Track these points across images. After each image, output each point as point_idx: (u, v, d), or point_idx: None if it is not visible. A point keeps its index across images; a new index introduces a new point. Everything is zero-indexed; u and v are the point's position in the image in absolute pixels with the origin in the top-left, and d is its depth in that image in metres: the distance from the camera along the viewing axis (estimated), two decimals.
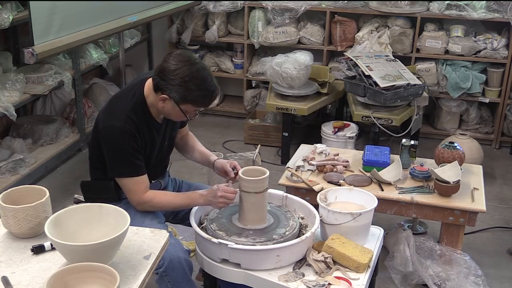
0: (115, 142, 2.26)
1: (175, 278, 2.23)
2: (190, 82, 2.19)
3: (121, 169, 2.29)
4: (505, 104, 4.65)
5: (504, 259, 3.28)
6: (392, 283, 2.93)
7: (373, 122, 3.98)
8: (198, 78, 2.20)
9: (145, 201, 2.32)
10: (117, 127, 2.24)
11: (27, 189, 2.00)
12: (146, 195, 2.32)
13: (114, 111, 2.30)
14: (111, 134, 2.26)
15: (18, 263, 1.81)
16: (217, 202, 2.30)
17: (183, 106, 2.24)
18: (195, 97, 2.21)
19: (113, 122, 2.26)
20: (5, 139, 3.93)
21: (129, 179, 2.30)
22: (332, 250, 2.18)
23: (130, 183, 2.30)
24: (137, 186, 2.31)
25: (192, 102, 2.24)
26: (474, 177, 2.98)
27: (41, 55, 3.14)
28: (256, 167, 2.34)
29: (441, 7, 4.59)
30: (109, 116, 2.30)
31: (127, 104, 2.29)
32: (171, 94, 2.21)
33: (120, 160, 2.28)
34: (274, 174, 3.38)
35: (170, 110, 2.28)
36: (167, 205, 2.39)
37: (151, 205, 2.34)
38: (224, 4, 4.94)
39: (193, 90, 2.20)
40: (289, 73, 4.28)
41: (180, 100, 2.22)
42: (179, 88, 2.19)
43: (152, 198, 2.33)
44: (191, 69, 2.19)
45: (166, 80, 2.20)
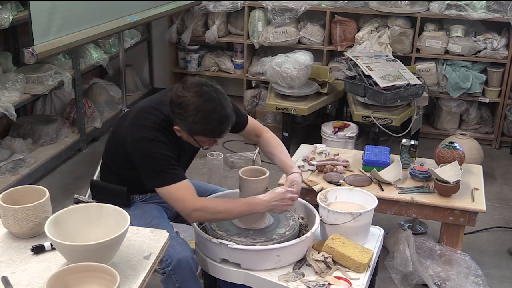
0: (150, 152, 2.18)
1: (183, 277, 2.21)
2: (195, 116, 2.12)
3: (161, 178, 2.18)
4: (505, 104, 4.65)
5: (504, 259, 3.28)
6: (392, 283, 2.93)
7: (373, 122, 3.98)
8: (203, 112, 2.12)
9: (199, 208, 2.16)
10: (148, 138, 2.18)
11: (27, 189, 2.00)
12: (200, 201, 2.19)
13: (143, 123, 2.23)
14: (145, 146, 2.19)
15: (18, 263, 1.81)
16: (282, 206, 2.22)
17: (196, 138, 2.21)
18: (202, 130, 2.16)
19: (143, 134, 2.19)
20: (5, 139, 3.93)
21: (173, 186, 2.16)
22: (332, 250, 2.18)
23: (176, 191, 2.17)
24: (185, 192, 2.17)
25: (202, 135, 2.19)
26: (474, 177, 2.98)
27: (41, 55, 3.14)
28: (256, 167, 2.34)
29: (441, 7, 4.59)
30: (139, 128, 2.22)
31: (154, 119, 2.23)
32: (181, 127, 2.18)
33: (159, 170, 2.18)
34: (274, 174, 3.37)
35: (186, 138, 2.24)
36: (224, 212, 2.20)
37: (206, 212, 2.18)
38: (224, 4, 4.94)
39: (200, 124, 2.14)
40: (289, 73, 4.28)
41: (190, 132, 2.18)
42: (185, 122, 2.15)
43: (208, 204, 2.20)
44: (196, 101, 2.12)
45: (174, 113, 2.16)
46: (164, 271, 2.22)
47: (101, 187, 2.46)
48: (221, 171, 3.75)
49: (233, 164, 4.22)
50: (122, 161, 2.33)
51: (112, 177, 2.42)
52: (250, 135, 2.62)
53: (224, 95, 2.22)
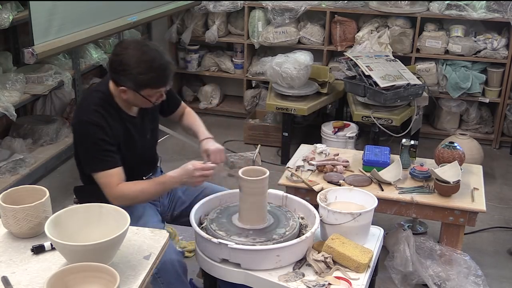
0: (84, 135, 2.26)
1: (168, 279, 2.23)
2: (139, 68, 2.17)
3: (93, 164, 2.26)
4: (505, 104, 4.65)
5: (504, 259, 3.28)
6: (392, 283, 2.93)
7: (373, 122, 3.98)
8: (145, 61, 2.18)
9: (118, 195, 2.23)
10: (84, 120, 2.25)
11: (27, 189, 2.00)
12: (118, 188, 2.24)
13: (81, 107, 2.34)
14: (80, 128, 2.28)
15: (18, 263, 1.81)
16: (195, 181, 2.30)
17: (143, 92, 2.24)
18: (148, 80, 2.20)
19: (81, 116, 2.28)
20: (5, 139, 3.93)
21: (102, 173, 2.24)
22: (332, 250, 2.18)
23: (103, 177, 2.24)
24: (109, 180, 2.24)
25: (148, 86, 2.22)
26: (474, 177, 2.98)
27: (41, 55, 3.14)
28: (256, 167, 2.34)
29: (441, 7, 4.60)
30: (77, 112, 2.35)
31: (93, 99, 2.30)
32: (127, 84, 2.21)
33: (91, 154, 2.25)
34: (274, 174, 3.37)
35: (134, 99, 2.28)
36: (141, 195, 2.29)
37: (125, 198, 2.25)
38: (224, 4, 4.94)
39: (144, 74, 2.18)
40: (289, 73, 4.28)
41: (137, 87, 2.21)
42: (131, 76, 2.18)
43: (125, 189, 2.26)
44: (136, 54, 2.18)
45: (117, 72, 2.21)
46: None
47: (83, 190, 2.49)
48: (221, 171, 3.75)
49: (233, 164, 4.22)
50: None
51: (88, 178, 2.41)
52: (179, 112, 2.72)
53: (160, 48, 2.29)
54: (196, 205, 2.41)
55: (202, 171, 2.29)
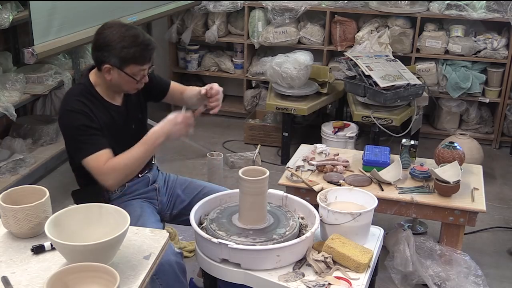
0: (68, 124, 2.27)
1: (166, 281, 2.22)
2: (123, 42, 2.21)
3: (81, 150, 2.24)
4: (505, 104, 4.65)
5: (504, 259, 3.28)
6: (392, 283, 2.93)
7: (373, 122, 3.98)
8: (129, 36, 2.23)
9: (107, 170, 2.21)
10: (68, 110, 2.27)
11: (27, 189, 2.00)
12: (106, 164, 2.22)
13: (64, 100, 2.36)
14: (64, 118, 2.29)
15: (18, 263, 1.81)
16: (178, 130, 2.28)
17: (127, 70, 2.26)
18: (133, 54, 2.23)
19: (64, 108, 2.30)
20: (5, 139, 3.93)
21: (90, 157, 2.22)
22: (332, 250, 2.18)
23: (91, 161, 2.22)
24: (98, 161, 2.22)
25: (133, 61, 2.24)
26: (474, 177, 2.98)
27: (41, 55, 3.14)
28: (256, 167, 2.34)
29: (441, 7, 4.60)
30: (61, 106, 2.35)
31: (74, 91, 2.35)
32: (112, 61, 2.23)
33: (78, 141, 2.25)
34: (274, 174, 3.37)
35: (117, 80, 2.29)
36: (131, 161, 2.25)
37: (116, 170, 2.22)
38: (224, 4, 4.94)
39: (128, 47, 2.21)
40: (289, 73, 4.28)
41: (121, 63, 2.24)
42: (115, 51, 2.21)
43: (113, 163, 2.23)
44: (120, 31, 2.23)
45: (101, 50, 2.24)
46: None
47: (80, 193, 2.48)
48: (221, 171, 3.75)
49: (233, 164, 4.22)
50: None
51: (84, 180, 2.42)
52: (176, 95, 2.67)
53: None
54: (196, 205, 2.41)
55: (185, 119, 2.28)
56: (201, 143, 4.57)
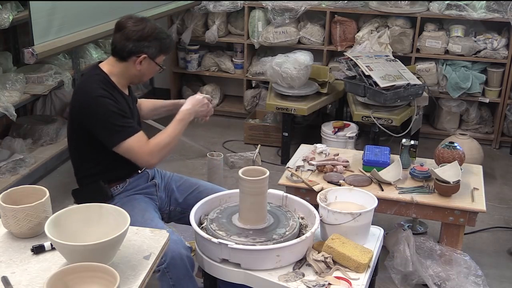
0: (102, 109, 2.29)
1: (177, 275, 2.22)
2: (161, 34, 2.40)
3: (117, 134, 2.30)
4: (505, 104, 4.65)
5: (504, 259, 3.28)
6: (392, 283, 2.93)
7: (373, 122, 3.98)
8: (162, 30, 2.44)
9: (152, 149, 2.33)
10: (96, 96, 2.29)
11: (27, 189, 2.00)
12: (149, 144, 2.34)
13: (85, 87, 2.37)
14: (95, 105, 2.30)
15: (18, 263, 1.81)
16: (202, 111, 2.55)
17: (158, 59, 2.43)
18: (167, 44, 2.43)
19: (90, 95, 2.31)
20: (5, 139, 3.93)
21: (130, 140, 2.30)
22: (332, 250, 2.18)
23: (132, 143, 2.30)
24: (139, 142, 2.32)
25: (164, 51, 2.43)
26: (474, 177, 2.98)
27: (41, 55, 3.14)
28: (256, 167, 2.34)
29: (441, 7, 4.60)
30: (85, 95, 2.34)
31: (93, 80, 2.37)
32: (150, 51, 2.37)
33: (115, 125, 2.29)
34: (274, 174, 3.38)
35: (146, 70, 2.42)
36: (171, 138, 2.39)
37: (160, 148, 2.35)
38: (224, 4, 4.94)
39: (165, 38, 2.41)
40: (289, 73, 4.28)
41: (157, 53, 2.40)
42: (156, 42, 2.37)
43: (155, 141, 2.35)
44: (150, 25, 2.38)
45: (141, 40, 2.34)
46: (159, 269, 2.22)
47: (82, 192, 2.49)
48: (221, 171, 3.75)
49: (233, 164, 4.22)
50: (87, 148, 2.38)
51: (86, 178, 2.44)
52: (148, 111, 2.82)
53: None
54: (196, 205, 2.41)
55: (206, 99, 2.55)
56: (201, 143, 4.57)
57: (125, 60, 2.38)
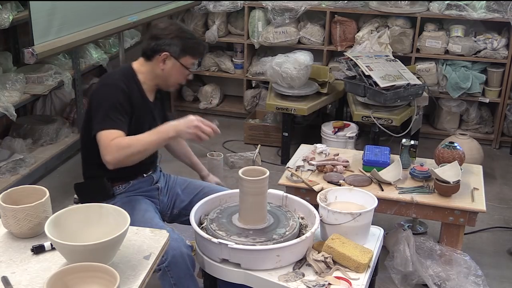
0: (105, 97, 2.31)
1: (178, 273, 2.22)
2: (184, 33, 2.41)
3: (102, 122, 2.25)
4: (505, 104, 4.65)
5: (504, 259, 3.28)
6: (392, 283, 2.93)
7: (373, 122, 3.98)
8: (188, 30, 2.47)
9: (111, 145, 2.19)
10: (109, 84, 2.35)
11: (27, 189, 2.00)
12: (113, 141, 2.21)
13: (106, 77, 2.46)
14: (102, 91, 2.34)
15: (18, 263, 1.81)
16: (190, 133, 2.26)
17: (182, 60, 2.40)
18: (192, 45, 2.41)
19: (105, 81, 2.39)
20: (5, 139, 3.93)
21: (104, 132, 2.23)
22: (332, 250, 2.18)
23: (103, 135, 2.23)
24: (108, 137, 2.22)
25: (190, 52, 2.41)
26: (474, 177, 2.98)
27: (41, 55, 3.14)
28: (256, 167, 2.34)
29: (441, 7, 4.60)
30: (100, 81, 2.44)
31: (117, 72, 2.43)
32: (171, 49, 2.37)
33: (105, 115, 2.26)
34: (274, 174, 3.37)
35: (170, 70, 2.40)
36: (136, 142, 2.23)
37: (119, 148, 2.20)
38: (224, 4, 4.94)
39: (189, 39, 2.41)
40: (289, 73, 4.28)
41: (180, 53, 2.38)
42: (177, 40, 2.37)
43: (118, 140, 2.22)
44: (179, 25, 2.46)
45: (162, 38, 2.37)
46: (160, 268, 2.22)
47: (83, 186, 2.49)
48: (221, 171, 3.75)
49: (233, 164, 4.22)
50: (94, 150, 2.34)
51: (92, 170, 2.45)
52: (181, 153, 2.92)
53: None
54: (196, 205, 2.41)
55: (201, 124, 2.27)
56: (201, 143, 4.56)
57: (150, 59, 2.41)
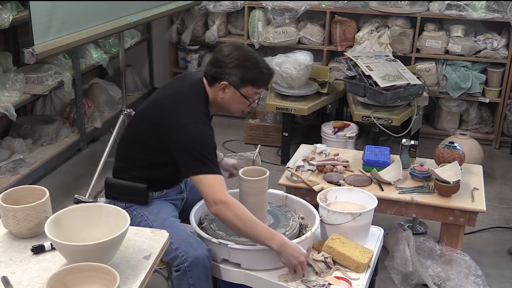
0: (200, 139, 2.18)
1: (198, 274, 2.18)
2: (247, 62, 2.23)
3: (206, 165, 2.15)
4: (505, 104, 4.65)
5: (504, 259, 3.28)
6: (392, 283, 2.93)
7: (373, 122, 3.98)
8: (252, 58, 2.25)
9: (230, 201, 2.13)
10: (196, 123, 2.19)
11: (27, 189, 2.00)
12: (228, 197, 2.15)
13: (189, 109, 2.23)
14: (195, 132, 2.17)
15: (18, 263, 1.81)
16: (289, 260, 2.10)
17: (243, 90, 2.26)
18: (253, 75, 2.24)
19: (193, 117, 2.20)
20: (5, 139, 3.93)
21: (213, 176, 2.16)
22: (332, 250, 2.18)
23: (214, 179, 2.16)
24: (221, 183, 2.17)
25: (251, 83, 2.25)
26: (474, 177, 2.98)
27: (41, 55, 3.14)
28: (256, 167, 2.34)
29: (441, 7, 4.60)
30: (190, 113, 2.21)
31: (198, 101, 2.27)
32: (230, 79, 2.23)
33: (203, 157, 2.16)
34: (274, 174, 3.37)
35: (230, 99, 2.28)
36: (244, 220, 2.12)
37: (228, 209, 2.12)
38: (224, 4, 4.94)
39: (251, 68, 2.23)
40: (289, 73, 4.28)
41: (240, 83, 2.24)
42: (237, 70, 2.22)
43: (235, 203, 2.14)
44: (243, 51, 2.25)
45: (222, 66, 2.23)
46: (179, 268, 2.18)
47: (118, 185, 2.40)
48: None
49: None
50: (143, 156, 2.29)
51: (126, 175, 2.37)
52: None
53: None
54: (196, 205, 2.41)
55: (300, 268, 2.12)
56: None
57: (211, 85, 2.29)
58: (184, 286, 2.21)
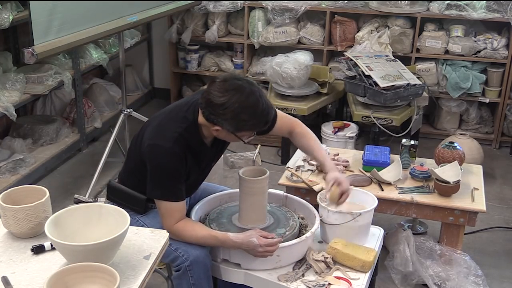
0: (161, 162, 2.16)
1: (198, 274, 2.19)
2: (242, 114, 2.08)
3: (161, 190, 2.18)
4: (505, 104, 4.65)
5: (504, 259, 3.28)
6: (392, 283, 2.93)
7: (373, 122, 3.98)
8: (249, 107, 2.09)
9: (174, 232, 2.17)
10: (166, 148, 2.15)
11: (27, 189, 2.00)
12: (177, 226, 2.19)
13: (164, 130, 2.20)
14: (158, 154, 2.16)
15: (18, 263, 1.81)
16: (256, 253, 2.15)
17: (238, 134, 2.18)
18: (249, 126, 2.15)
19: (163, 142, 2.16)
20: (5, 139, 3.93)
21: (167, 203, 2.18)
22: (337, 251, 2.18)
23: (167, 207, 2.19)
24: (172, 213, 2.19)
25: (247, 130, 2.17)
26: (474, 177, 2.98)
27: (41, 55, 3.13)
28: (256, 167, 2.34)
29: (441, 7, 4.60)
30: (159, 134, 2.19)
31: (179, 126, 2.20)
32: (225, 127, 2.12)
33: (163, 182, 2.18)
34: (274, 174, 3.38)
35: (225, 137, 2.23)
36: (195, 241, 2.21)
37: (179, 237, 2.20)
38: (224, 4, 4.94)
39: (247, 120, 2.11)
40: (289, 73, 4.28)
41: (235, 130, 2.14)
42: (232, 121, 2.10)
43: (181, 231, 2.19)
44: (240, 99, 2.07)
45: (216, 114, 2.10)
46: (180, 267, 2.18)
47: (119, 190, 2.40)
48: (221, 171, 3.75)
49: (233, 164, 4.22)
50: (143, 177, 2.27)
51: (130, 182, 2.37)
52: (281, 132, 2.63)
53: (256, 84, 2.18)
54: (196, 205, 2.41)
55: (266, 247, 2.13)
56: None
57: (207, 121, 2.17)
58: (184, 286, 2.21)
